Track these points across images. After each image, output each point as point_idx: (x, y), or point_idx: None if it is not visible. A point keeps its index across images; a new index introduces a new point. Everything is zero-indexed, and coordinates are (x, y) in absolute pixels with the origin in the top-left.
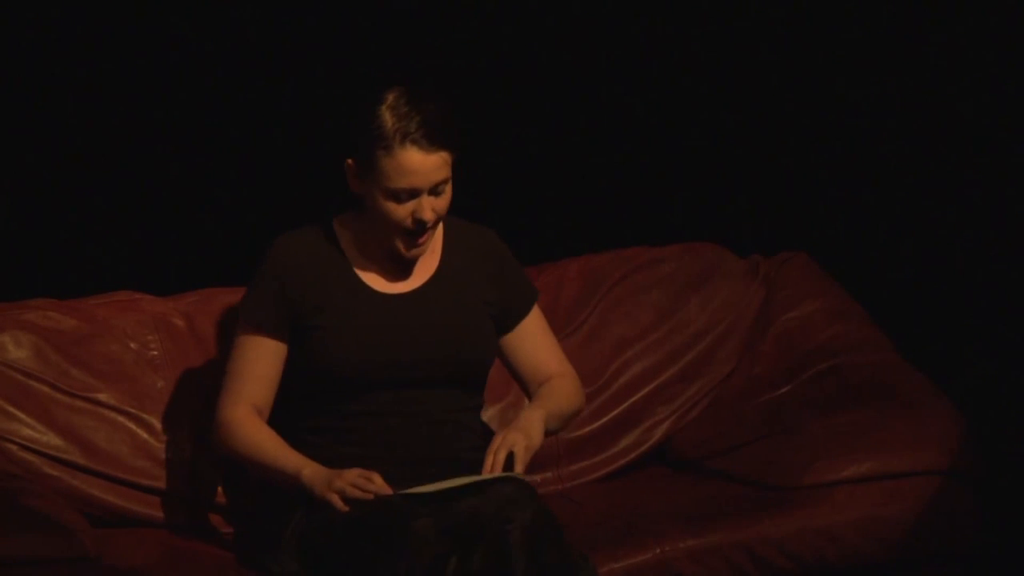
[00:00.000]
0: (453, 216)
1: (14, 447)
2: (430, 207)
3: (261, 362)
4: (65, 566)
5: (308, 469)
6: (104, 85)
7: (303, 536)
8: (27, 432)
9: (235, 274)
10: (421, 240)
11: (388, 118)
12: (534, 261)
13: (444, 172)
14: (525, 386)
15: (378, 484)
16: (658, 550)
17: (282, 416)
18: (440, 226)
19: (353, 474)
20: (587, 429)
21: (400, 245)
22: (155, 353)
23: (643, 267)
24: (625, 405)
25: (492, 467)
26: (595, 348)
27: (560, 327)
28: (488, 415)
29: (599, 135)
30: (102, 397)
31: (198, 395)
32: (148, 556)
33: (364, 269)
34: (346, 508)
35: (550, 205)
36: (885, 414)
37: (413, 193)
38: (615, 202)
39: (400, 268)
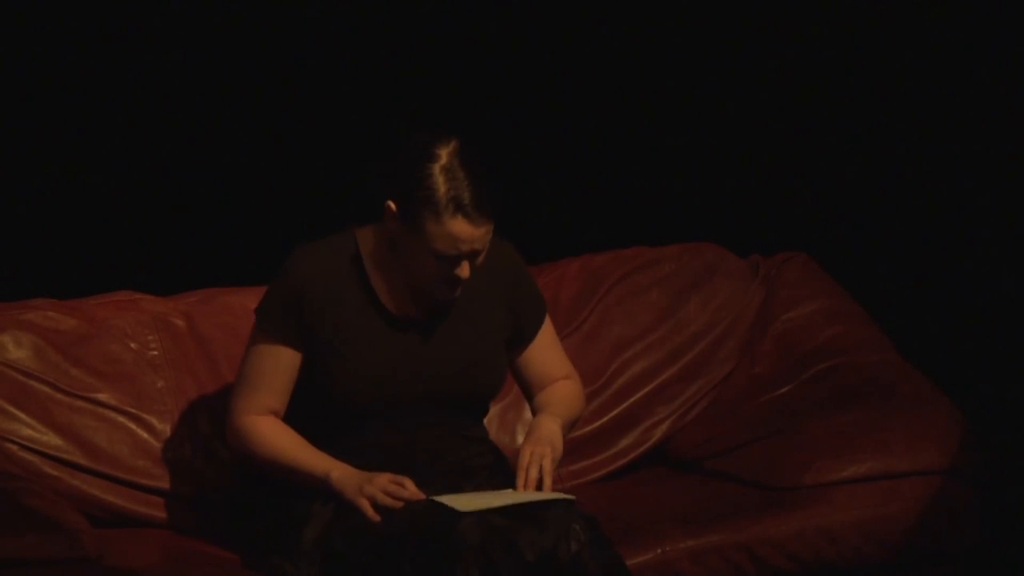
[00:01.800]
0: None
1: (14, 447)
2: (468, 267)
3: (277, 372)
4: (65, 566)
5: (337, 471)
6: (105, 85)
7: (325, 543)
8: (27, 432)
9: (235, 274)
10: (457, 291)
11: (441, 183)
12: (534, 261)
13: (487, 238)
14: (528, 390)
15: (411, 491)
16: (658, 550)
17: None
18: None
19: (384, 479)
20: (587, 429)
21: (433, 292)
22: (155, 353)
23: (643, 267)
24: (625, 405)
25: (526, 484)
26: (595, 348)
27: (560, 327)
28: (488, 416)
29: (599, 135)
30: (102, 397)
31: (198, 395)
32: (149, 556)
33: (384, 292)
34: (377, 517)
35: (550, 205)
36: (885, 414)
37: (457, 259)
38: (615, 202)
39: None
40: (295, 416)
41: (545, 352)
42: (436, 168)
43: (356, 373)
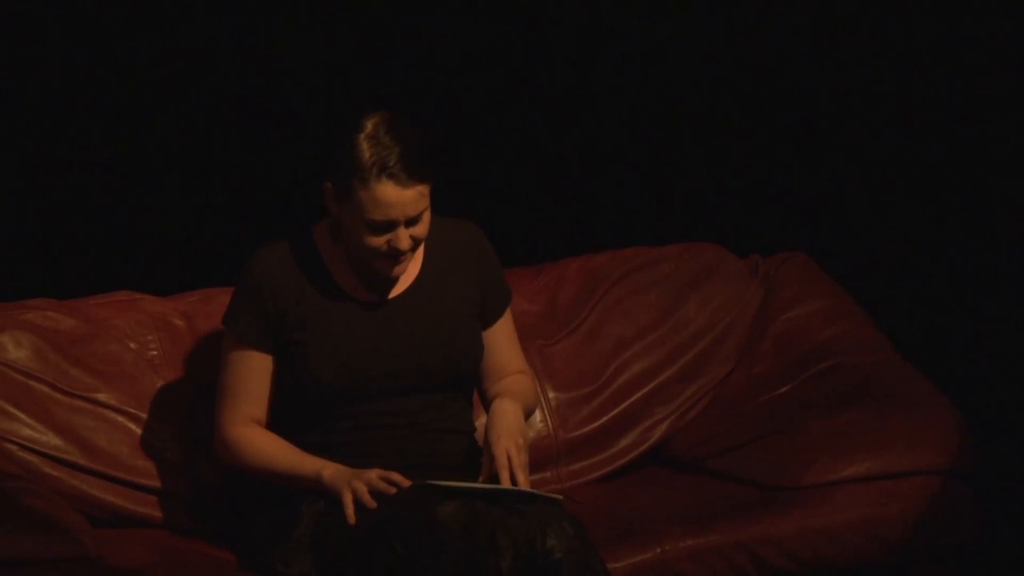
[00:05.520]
0: (434, 214)
1: (14, 447)
2: (407, 236)
3: (252, 378)
4: (65, 566)
5: (329, 470)
6: (104, 86)
7: (315, 537)
8: (27, 432)
9: (235, 274)
10: (400, 262)
11: (366, 149)
12: (534, 261)
13: (421, 204)
14: (482, 381)
15: (398, 482)
16: (658, 550)
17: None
18: None
19: (373, 474)
20: (586, 429)
21: (378, 268)
22: (154, 353)
23: (642, 267)
24: (624, 405)
25: (508, 483)
26: (594, 348)
27: (559, 327)
28: (481, 422)
29: (599, 135)
30: (102, 397)
31: (198, 395)
32: (148, 556)
33: (345, 279)
34: (353, 518)
35: (550, 205)
36: (885, 414)
37: (390, 225)
38: (615, 202)
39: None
40: (279, 415)
41: (504, 343)
42: (361, 137)
43: (328, 358)
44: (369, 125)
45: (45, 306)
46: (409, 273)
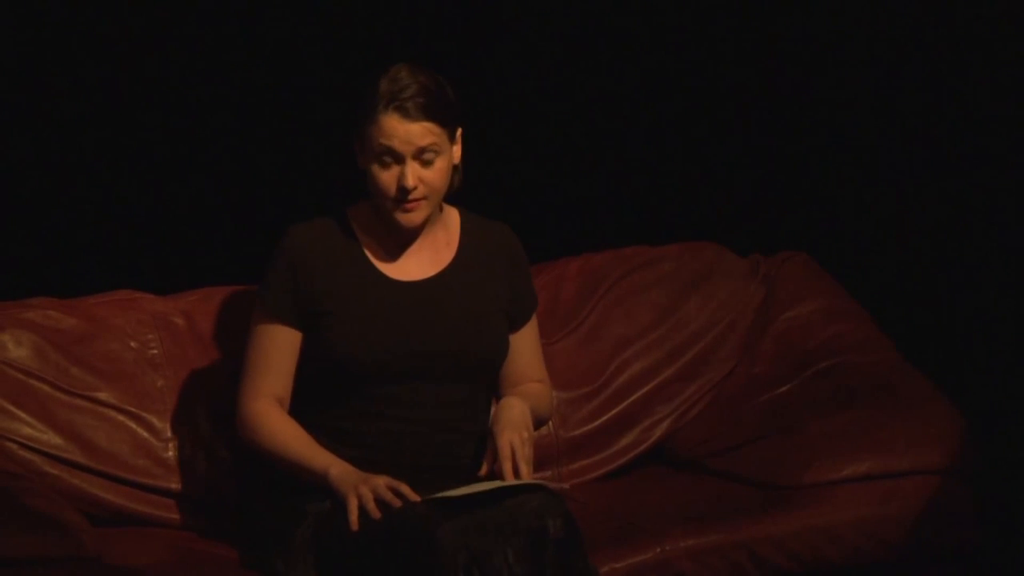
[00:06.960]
0: (471, 211)
1: (14, 446)
2: (413, 174)
3: (279, 353)
4: (65, 566)
5: (336, 468)
6: (104, 84)
7: (317, 540)
8: (27, 431)
9: (235, 274)
10: (408, 207)
11: (382, 85)
12: (534, 261)
13: (427, 139)
14: (501, 387)
15: (406, 494)
16: (658, 549)
17: (290, 409)
18: (456, 218)
19: (381, 482)
20: (586, 428)
21: (391, 213)
22: (155, 352)
23: (642, 266)
24: (624, 404)
25: (511, 475)
26: (594, 347)
27: (560, 326)
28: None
29: (599, 135)
30: (102, 396)
31: (198, 394)
32: (149, 556)
33: (378, 256)
34: (356, 525)
35: (550, 205)
36: (885, 414)
37: (396, 157)
38: (615, 202)
39: (412, 253)
40: (299, 398)
41: (526, 350)
42: (382, 79)
43: (353, 331)
44: (391, 69)
45: (46, 305)
46: (442, 258)
